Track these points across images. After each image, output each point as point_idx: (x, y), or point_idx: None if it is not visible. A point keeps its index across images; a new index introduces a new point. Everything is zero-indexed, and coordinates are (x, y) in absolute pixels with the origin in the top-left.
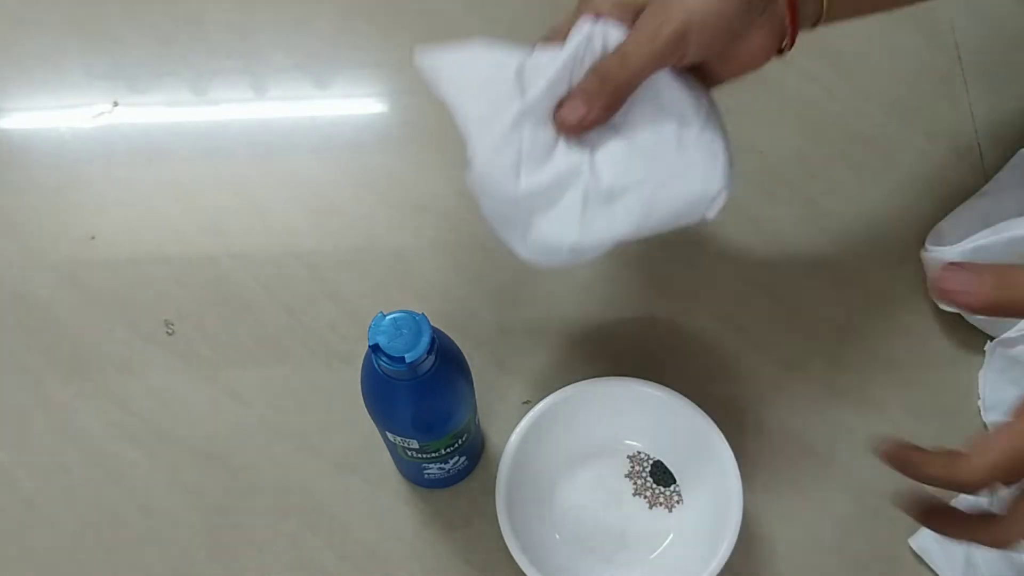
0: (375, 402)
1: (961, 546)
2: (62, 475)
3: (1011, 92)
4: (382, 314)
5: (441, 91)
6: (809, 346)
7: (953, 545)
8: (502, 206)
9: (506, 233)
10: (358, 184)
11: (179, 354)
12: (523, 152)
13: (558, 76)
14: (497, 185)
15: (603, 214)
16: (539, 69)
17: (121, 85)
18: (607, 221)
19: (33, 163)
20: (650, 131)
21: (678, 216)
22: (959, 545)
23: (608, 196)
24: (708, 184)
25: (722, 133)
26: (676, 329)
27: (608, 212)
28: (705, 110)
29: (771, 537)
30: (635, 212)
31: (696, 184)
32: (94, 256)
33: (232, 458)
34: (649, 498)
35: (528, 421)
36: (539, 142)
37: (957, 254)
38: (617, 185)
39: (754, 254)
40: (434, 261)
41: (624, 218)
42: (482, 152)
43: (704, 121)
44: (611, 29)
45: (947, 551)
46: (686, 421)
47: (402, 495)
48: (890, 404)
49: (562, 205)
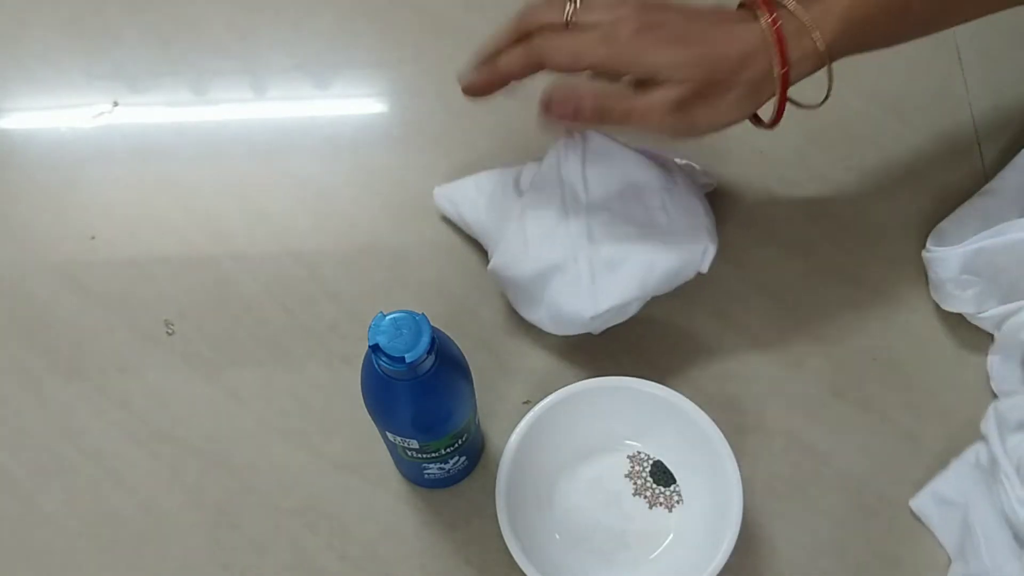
0: (375, 402)
1: (959, 510)
2: (62, 475)
3: (1011, 93)
4: (382, 314)
5: (460, 213)
6: (809, 346)
7: (951, 508)
8: (521, 287)
9: (532, 314)
10: (358, 184)
11: (179, 354)
12: (528, 238)
13: (546, 173)
14: (513, 268)
15: (610, 280)
16: (530, 173)
17: (121, 85)
18: (614, 286)
19: (33, 163)
20: (636, 204)
21: (677, 274)
22: (957, 509)
23: (610, 264)
24: (696, 241)
25: (699, 193)
26: (676, 329)
27: (613, 278)
28: (681, 177)
29: (771, 537)
30: (637, 275)
31: (686, 242)
32: (94, 256)
33: (232, 458)
34: (649, 498)
35: (528, 421)
36: (542, 227)
37: (959, 255)
38: (616, 255)
39: (754, 254)
40: (434, 261)
41: (628, 282)
42: (499, 248)
43: (683, 188)
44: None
45: (944, 513)
46: (686, 421)
47: (402, 495)
48: (890, 404)
49: (572, 280)
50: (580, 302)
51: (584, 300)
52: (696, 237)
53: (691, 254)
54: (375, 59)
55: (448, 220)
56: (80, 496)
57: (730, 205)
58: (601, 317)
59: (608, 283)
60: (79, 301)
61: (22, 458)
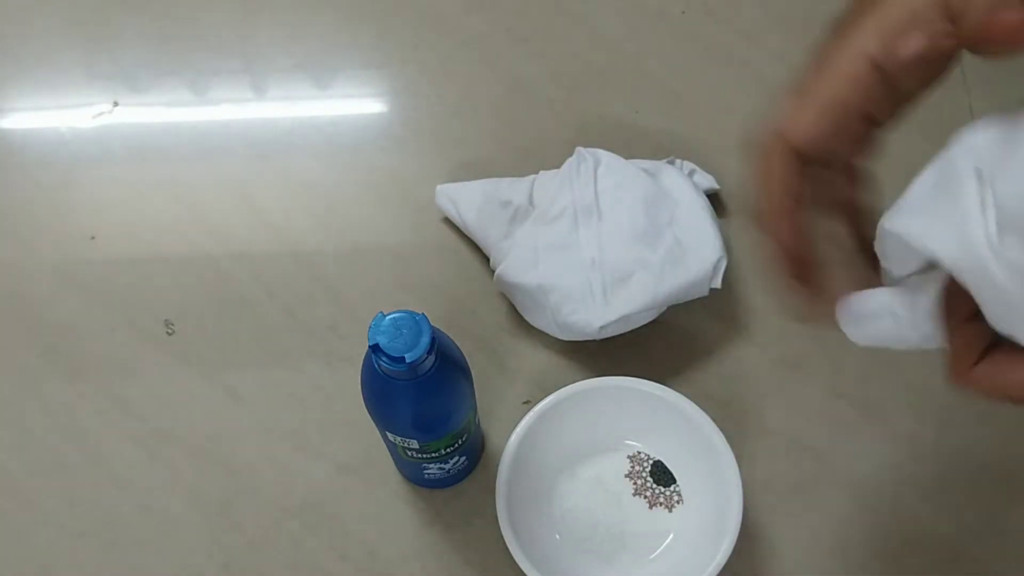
0: (375, 402)
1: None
2: (62, 475)
3: (1011, 93)
4: (382, 314)
5: (460, 213)
6: (809, 346)
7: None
8: (529, 294)
9: (539, 320)
10: (358, 184)
11: (179, 354)
12: (538, 247)
13: (559, 188)
14: (521, 276)
15: (620, 293)
16: (545, 185)
17: (121, 85)
18: (624, 299)
19: (33, 163)
20: (646, 218)
21: (688, 288)
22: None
23: (621, 278)
24: (707, 255)
25: (707, 206)
26: (676, 329)
27: (624, 292)
28: (689, 190)
29: (771, 537)
30: (648, 289)
31: (696, 256)
32: (94, 256)
33: (232, 458)
34: (649, 498)
35: (528, 421)
36: (553, 238)
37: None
38: (627, 268)
39: (754, 254)
40: (434, 261)
41: (638, 296)
42: (510, 255)
43: (691, 201)
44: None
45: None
46: (686, 421)
47: (402, 495)
48: (890, 404)
49: (581, 291)
50: (589, 314)
51: (593, 311)
52: (706, 251)
53: (702, 268)
54: (375, 59)
55: (448, 220)
56: (80, 496)
57: (730, 205)
58: (609, 327)
59: (618, 296)
60: (79, 301)
61: (22, 458)
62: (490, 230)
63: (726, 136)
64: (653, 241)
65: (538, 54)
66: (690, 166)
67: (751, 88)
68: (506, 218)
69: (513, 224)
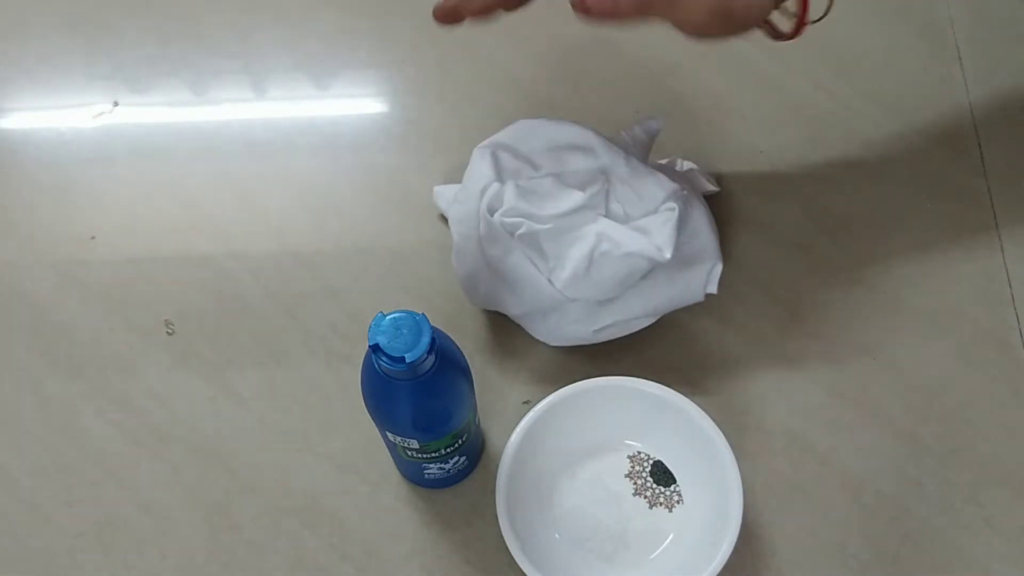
0: (375, 402)
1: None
2: (62, 475)
3: (1011, 93)
4: (382, 314)
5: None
6: (809, 346)
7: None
8: (525, 304)
9: (535, 328)
10: (358, 184)
11: (179, 354)
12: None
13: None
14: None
15: (616, 300)
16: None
17: (121, 85)
18: (619, 305)
19: (33, 163)
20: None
21: (682, 294)
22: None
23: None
24: (702, 261)
25: (705, 210)
26: (676, 329)
27: (620, 299)
28: (686, 194)
29: (771, 537)
30: (643, 294)
31: (692, 262)
32: (94, 256)
33: (232, 458)
34: (649, 498)
35: (528, 421)
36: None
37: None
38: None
39: (754, 254)
40: (434, 261)
41: (633, 302)
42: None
43: (688, 206)
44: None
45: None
46: (686, 421)
47: (402, 495)
48: (890, 404)
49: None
50: (582, 325)
51: (587, 321)
52: (702, 257)
53: (697, 274)
54: (375, 59)
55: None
56: (80, 496)
57: (730, 205)
58: (604, 331)
59: (613, 304)
60: (79, 301)
61: (22, 458)
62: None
63: (726, 136)
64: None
65: (538, 54)
66: (690, 166)
67: (751, 88)
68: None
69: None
